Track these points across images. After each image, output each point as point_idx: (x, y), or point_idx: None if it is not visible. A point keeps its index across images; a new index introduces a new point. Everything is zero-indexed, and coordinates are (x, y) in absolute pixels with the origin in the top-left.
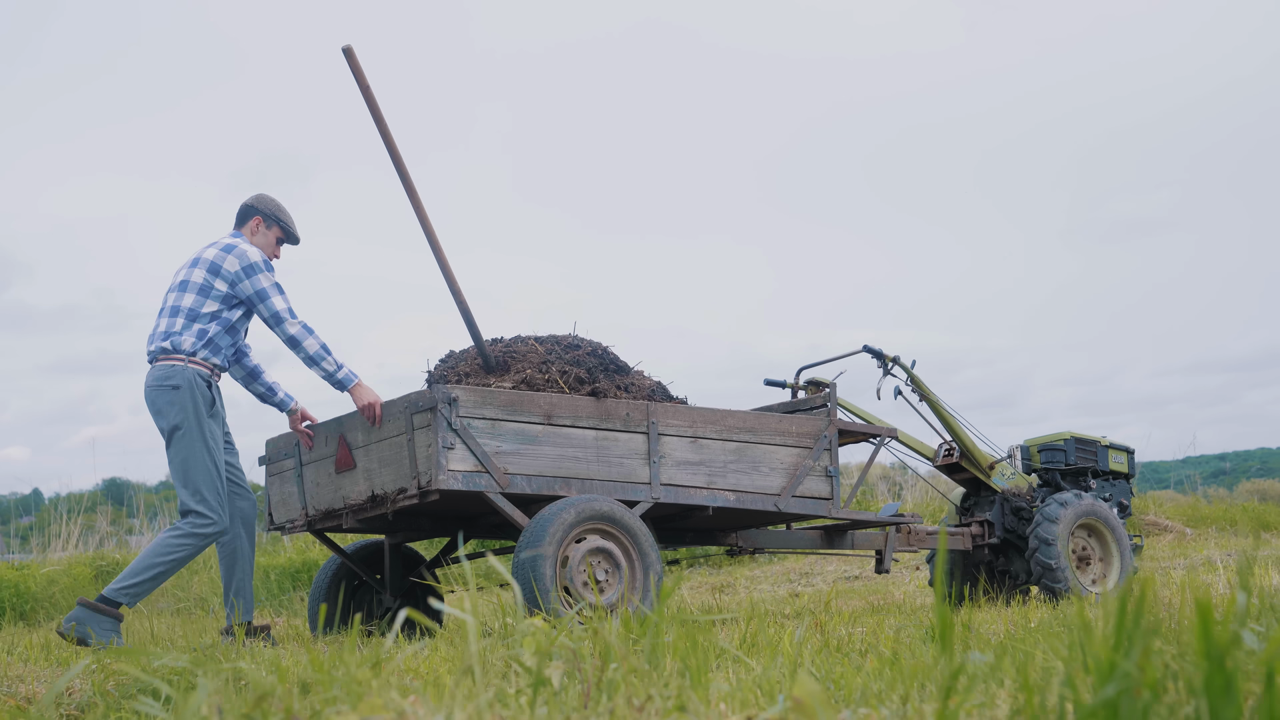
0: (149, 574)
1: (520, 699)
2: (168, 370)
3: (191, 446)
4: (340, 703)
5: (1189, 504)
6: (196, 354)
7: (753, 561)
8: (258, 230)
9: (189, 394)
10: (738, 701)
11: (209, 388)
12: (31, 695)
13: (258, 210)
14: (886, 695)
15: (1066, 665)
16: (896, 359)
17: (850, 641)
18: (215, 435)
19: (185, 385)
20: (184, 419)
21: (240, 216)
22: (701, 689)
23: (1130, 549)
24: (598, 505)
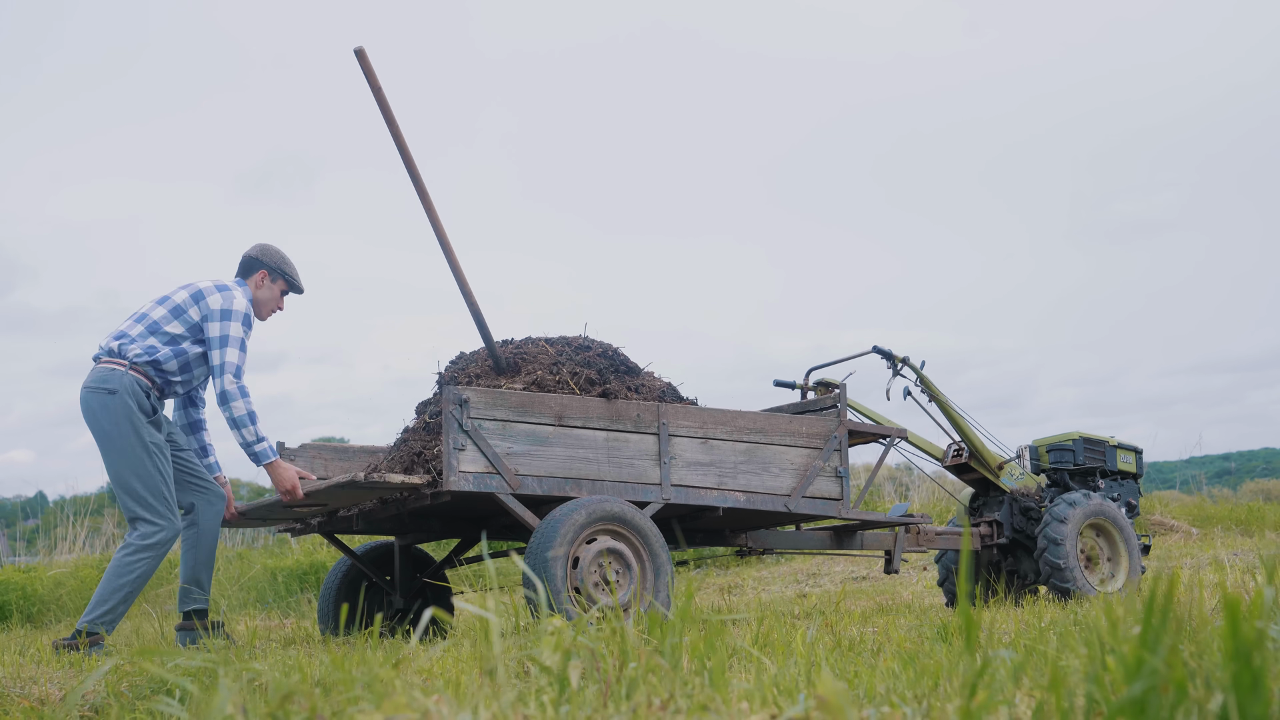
0: (116, 598)
1: (542, 698)
2: (106, 373)
3: (130, 453)
4: (363, 702)
5: (1195, 504)
6: (139, 364)
7: (760, 562)
8: (263, 284)
9: (124, 399)
10: (758, 700)
11: (146, 397)
12: (45, 697)
13: (263, 264)
14: (907, 694)
15: (1085, 664)
16: (906, 359)
17: (862, 641)
18: (156, 440)
19: (121, 390)
20: (118, 425)
21: (245, 268)
22: (722, 688)
23: (1139, 549)
24: (609, 506)
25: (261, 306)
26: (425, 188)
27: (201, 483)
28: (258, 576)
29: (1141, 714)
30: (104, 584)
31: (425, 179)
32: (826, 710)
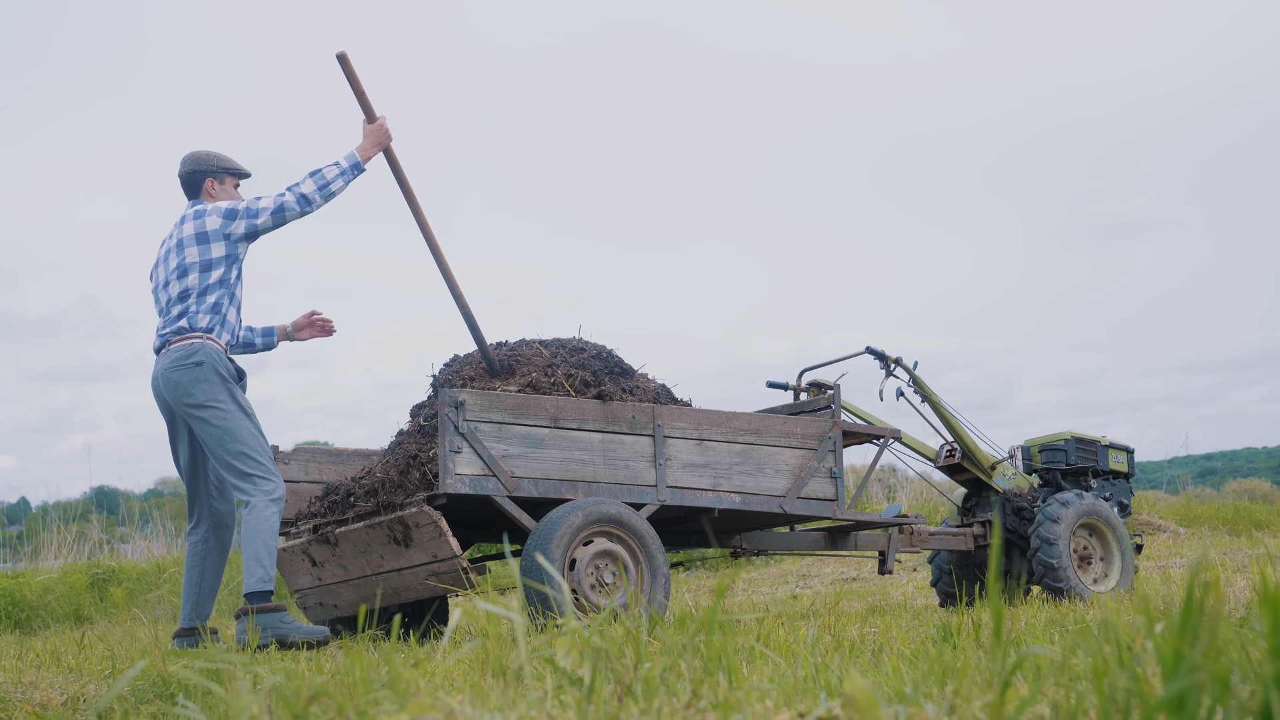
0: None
1: (562, 697)
2: (185, 349)
3: (229, 416)
4: (386, 703)
5: (1181, 504)
6: (213, 331)
7: (750, 564)
8: (214, 190)
9: (213, 368)
10: (780, 699)
11: (230, 361)
12: (46, 701)
13: (205, 172)
14: (931, 691)
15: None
16: (899, 360)
17: (863, 642)
18: (247, 403)
19: (208, 360)
20: (213, 392)
21: (191, 186)
22: (745, 688)
23: (1131, 549)
24: (605, 508)
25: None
26: (411, 188)
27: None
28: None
29: (1180, 711)
30: (248, 547)
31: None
32: (855, 708)
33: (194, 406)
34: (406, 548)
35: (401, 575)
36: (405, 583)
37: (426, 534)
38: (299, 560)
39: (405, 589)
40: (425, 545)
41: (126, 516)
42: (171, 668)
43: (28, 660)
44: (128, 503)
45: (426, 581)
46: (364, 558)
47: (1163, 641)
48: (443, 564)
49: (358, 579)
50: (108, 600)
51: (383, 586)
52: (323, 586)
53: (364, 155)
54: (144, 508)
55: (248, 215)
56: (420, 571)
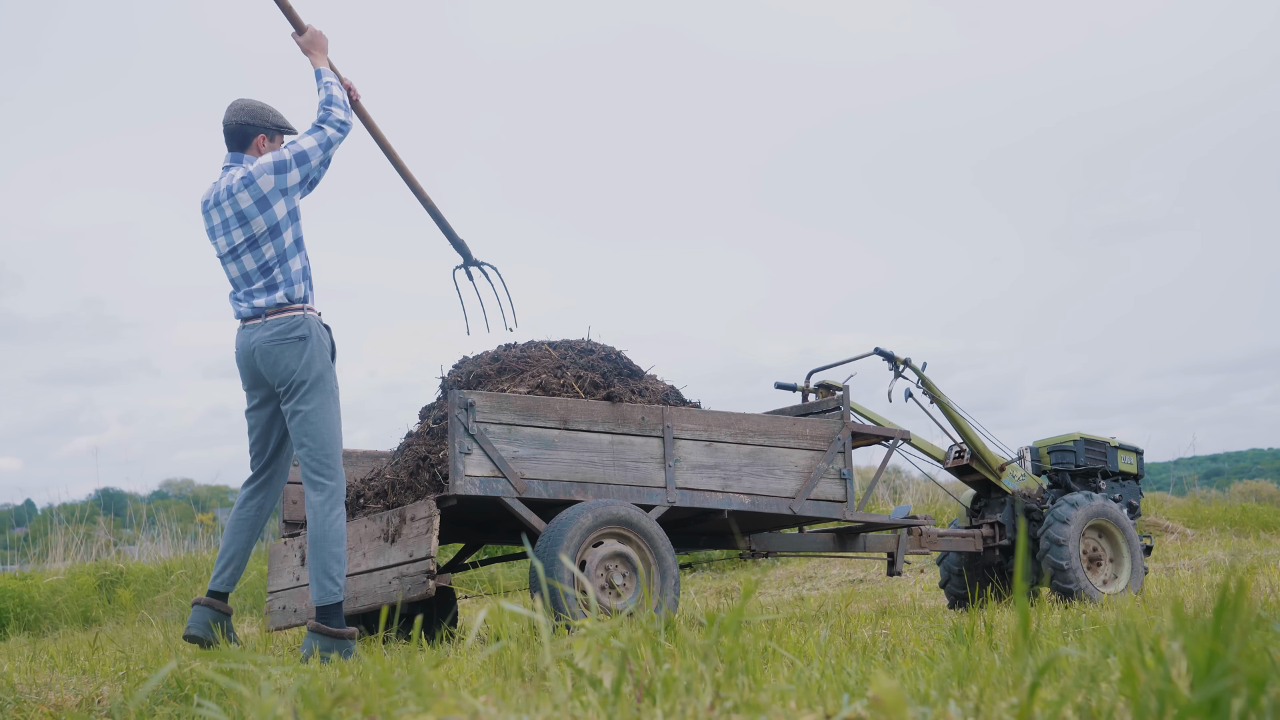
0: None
1: (584, 697)
2: (289, 322)
3: (326, 401)
4: (410, 703)
5: (1189, 505)
6: (308, 301)
7: (755, 566)
8: (263, 146)
9: (317, 344)
10: (803, 700)
11: (329, 333)
12: (60, 702)
13: (259, 127)
14: (955, 692)
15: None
16: (908, 361)
17: (874, 643)
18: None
19: (313, 335)
20: (319, 371)
21: (240, 139)
22: (768, 689)
23: (1141, 550)
24: (615, 509)
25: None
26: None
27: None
28: (254, 583)
29: (1213, 714)
30: (316, 556)
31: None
32: (882, 709)
33: (297, 385)
34: (391, 544)
35: (370, 577)
36: (370, 585)
37: (417, 529)
38: (290, 558)
39: (366, 593)
40: (408, 543)
41: (134, 518)
42: (196, 667)
43: (41, 661)
44: (134, 505)
45: (390, 585)
46: (348, 556)
47: (1194, 643)
48: (412, 565)
49: None
50: (115, 602)
51: (345, 590)
52: (295, 589)
53: (321, 64)
54: (150, 510)
55: (299, 162)
56: (388, 574)
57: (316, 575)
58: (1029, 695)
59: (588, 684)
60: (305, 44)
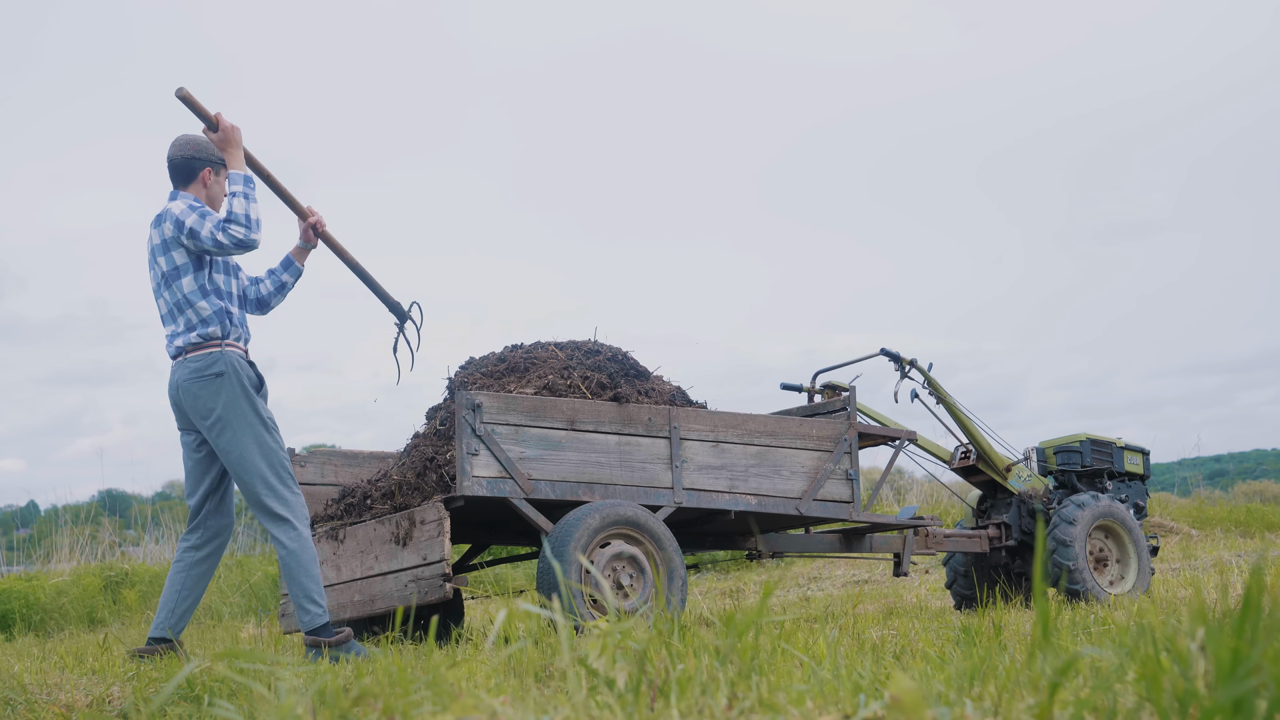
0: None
1: (599, 698)
2: (204, 359)
3: (253, 434)
4: (427, 703)
5: (1193, 506)
6: (229, 336)
7: (760, 567)
8: (209, 180)
9: (234, 379)
10: (821, 700)
11: (251, 367)
12: (71, 703)
13: (203, 160)
14: (973, 693)
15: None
16: (914, 362)
17: (883, 644)
18: (268, 413)
19: (229, 370)
20: (240, 406)
21: (184, 174)
22: (785, 689)
23: (1148, 551)
24: (622, 510)
25: (216, 203)
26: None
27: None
28: (258, 584)
29: (1236, 714)
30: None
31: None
32: (901, 709)
33: (216, 421)
34: (404, 547)
35: (385, 580)
36: (385, 589)
37: (428, 532)
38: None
39: (381, 596)
40: (420, 546)
41: (139, 519)
42: (217, 667)
43: (51, 662)
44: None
45: (405, 588)
46: (360, 559)
47: (1218, 643)
48: (427, 568)
49: (342, 584)
50: (121, 603)
51: (361, 594)
52: None
53: (235, 164)
54: (153, 510)
55: (191, 237)
56: (403, 577)
57: (298, 601)
58: (1049, 695)
59: (603, 684)
60: (219, 141)
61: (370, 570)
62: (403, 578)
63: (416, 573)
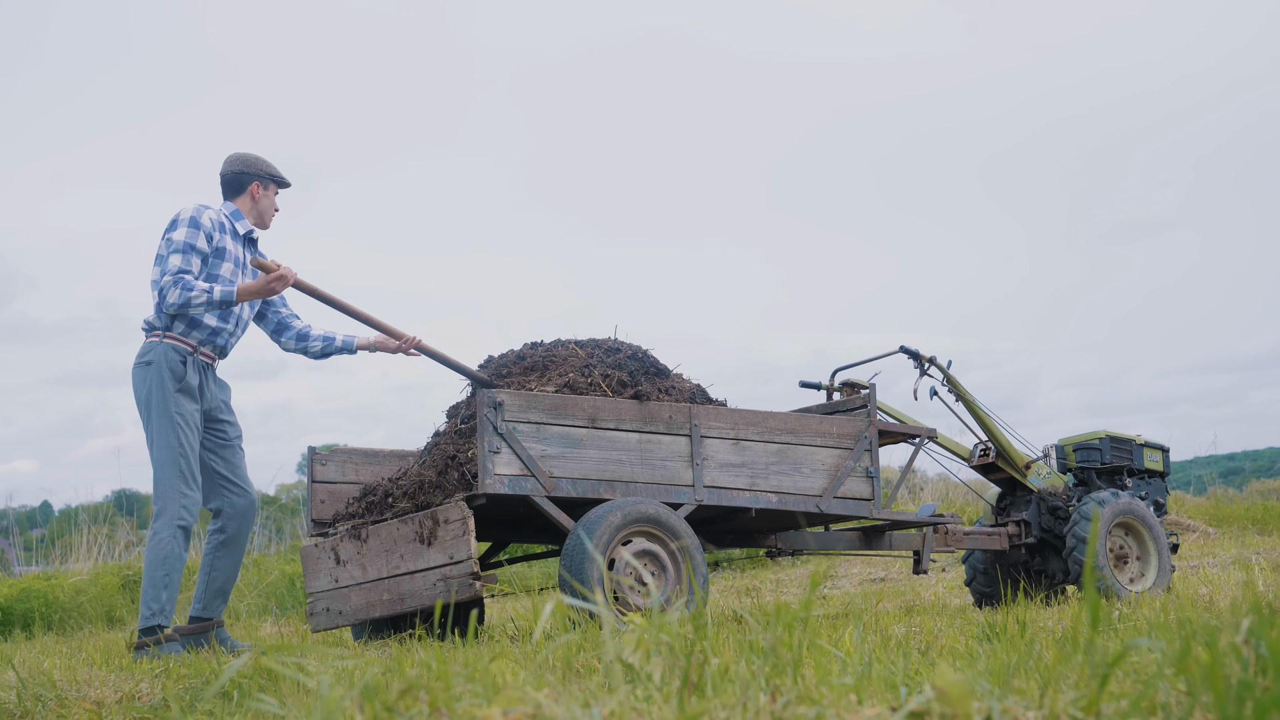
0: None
1: (641, 690)
2: (143, 347)
3: (158, 425)
4: (467, 697)
5: (1210, 504)
6: (171, 329)
7: (776, 565)
8: (259, 195)
9: (158, 369)
10: (862, 694)
11: (183, 363)
12: (101, 699)
13: (253, 176)
14: (1020, 687)
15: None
16: (933, 359)
17: (907, 640)
18: (185, 411)
19: (157, 360)
20: (150, 397)
21: (234, 186)
22: (827, 683)
23: (1168, 548)
24: (644, 508)
25: (264, 215)
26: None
27: (236, 487)
28: (275, 583)
29: None
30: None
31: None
32: (947, 702)
33: (137, 406)
34: (429, 546)
35: (413, 579)
36: (413, 588)
37: (452, 531)
38: (325, 559)
39: (411, 594)
40: (446, 545)
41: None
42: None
43: (79, 659)
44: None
45: (434, 586)
46: (385, 558)
47: (1269, 634)
48: (455, 567)
49: (370, 583)
50: (139, 602)
51: (389, 592)
52: (335, 590)
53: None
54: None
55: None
56: (431, 575)
57: (147, 593)
58: (1099, 687)
59: (641, 679)
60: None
61: (396, 569)
62: (430, 576)
63: (444, 571)
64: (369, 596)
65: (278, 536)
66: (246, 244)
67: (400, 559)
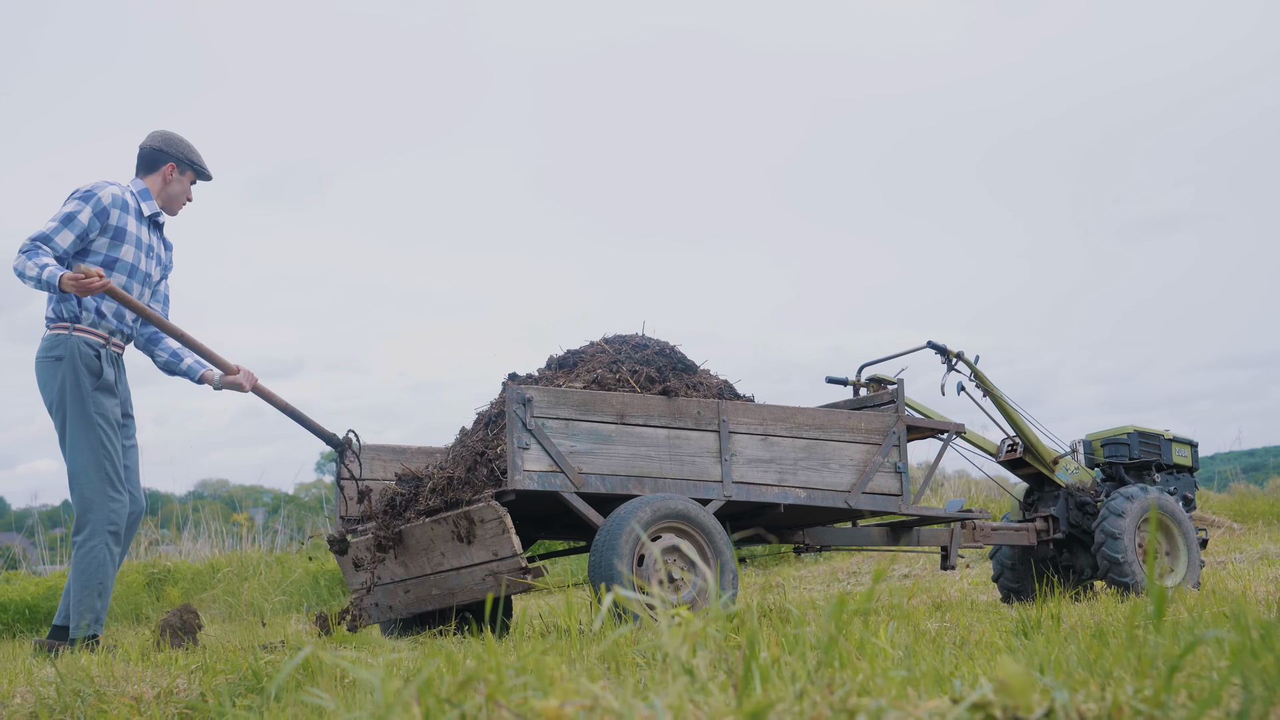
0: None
1: (698, 684)
2: (50, 340)
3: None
4: (516, 691)
5: (1234, 499)
6: (80, 320)
7: (799, 561)
8: (171, 177)
9: (71, 365)
10: (920, 686)
11: (98, 358)
12: (140, 695)
13: (170, 155)
14: (1083, 679)
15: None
16: (960, 354)
17: (941, 635)
18: (106, 410)
19: (68, 356)
20: (63, 395)
21: (148, 162)
22: (883, 676)
23: (1197, 543)
24: (673, 504)
25: (173, 201)
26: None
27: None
28: (299, 580)
29: None
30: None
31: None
32: (1009, 694)
33: (48, 406)
34: (469, 545)
35: (460, 575)
36: (463, 582)
37: (490, 530)
38: (359, 557)
39: (461, 589)
40: (487, 542)
41: (173, 518)
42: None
43: (117, 655)
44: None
45: (484, 581)
46: (425, 556)
47: None
48: (502, 563)
49: (415, 578)
50: (164, 599)
51: (438, 587)
52: (380, 586)
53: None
54: (187, 509)
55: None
56: (479, 571)
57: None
58: (1166, 678)
59: (684, 672)
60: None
61: (439, 566)
62: (478, 572)
63: (491, 567)
64: (418, 591)
65: (298, 535)
66: (151, 226)
67: (442, 556)
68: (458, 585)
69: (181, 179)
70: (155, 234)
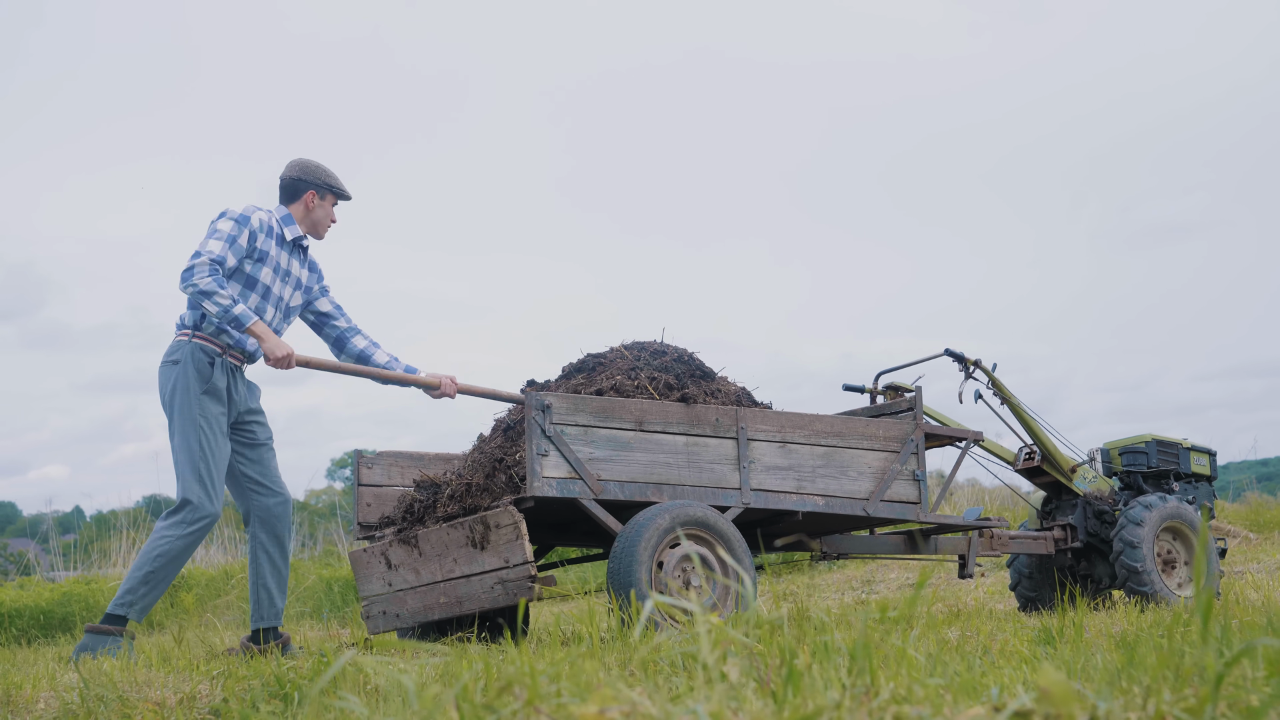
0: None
1: (733, 691)
2: (172, 346)
3: (179, 426)
4: (569, 694)
5: (1249, 509)
6: (201, 328)
7: (813, 569)
8: (314, 204)
9: (184, 369)
10: (957, 694)
11: (211, 365)
12: (162, 700)
13: (310, 184)
14: (1128, 686)
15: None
16: (978, 362)
17: (962, 643)
18: (210, 414)
19: (183, 360)
20: (173, 396)
21: (290, 192)
22: (922, 683)
23: (1216, 553)
24: (691, 510)
25: (318, 226)
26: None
27: (265, 489)
28: (313, 587)
29: None
30: (133, 565)
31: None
32: (1051, 702)
33: (162, 404)
34: (482, 550)
35: (469, 582)
36: (471, 590)
37: (505, 535)
38: (376, 563)
39: (469, 597)
40: (500, 549)
41: None
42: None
43: (140, 660)
44: None
45: (493, 589)
46: (439, 562)
47: None
48: (512, 570)
49: (425, 586)
50: (179, 606)
51: (447, 595)
52: (391, 593)
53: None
54: None
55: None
56: (488, 579)
57: (127, 581)
58: (1214, 687)
59: (720, 678)
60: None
61: (450, 573)
62: (487, 580)
63: (500, 575)
64: (426, 599)
65: (312, 541)
66: (295, 250)
67: (454, 563)
68: (466, 593)
69: (323, 203)
70: (296, 257)
